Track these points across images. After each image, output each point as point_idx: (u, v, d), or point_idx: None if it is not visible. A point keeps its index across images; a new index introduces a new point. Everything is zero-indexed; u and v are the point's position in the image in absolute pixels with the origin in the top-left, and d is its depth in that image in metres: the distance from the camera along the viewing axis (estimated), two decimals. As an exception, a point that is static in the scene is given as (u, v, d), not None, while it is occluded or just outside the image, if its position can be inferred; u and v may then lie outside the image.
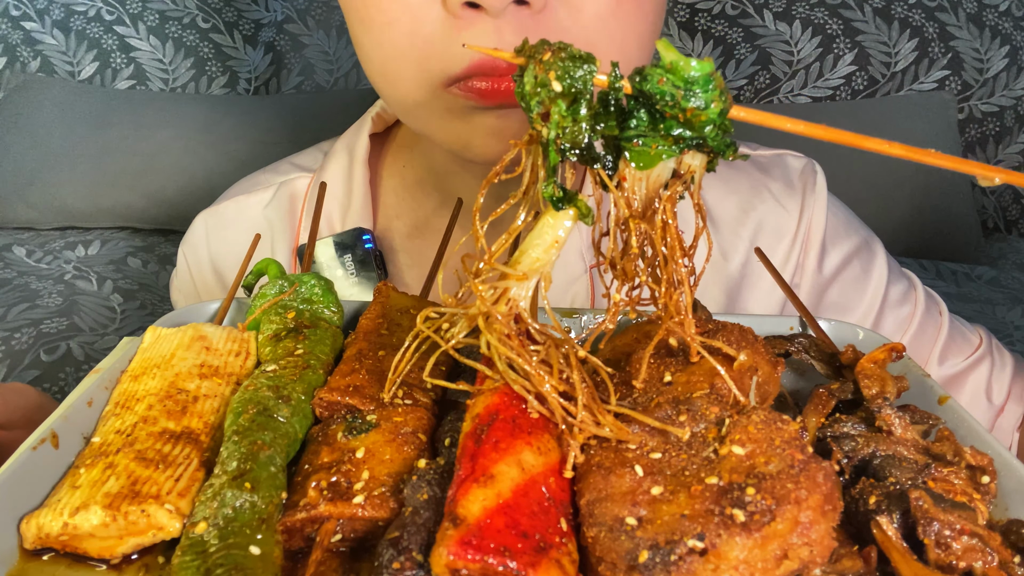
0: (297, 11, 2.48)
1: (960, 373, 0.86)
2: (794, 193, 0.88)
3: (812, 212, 0.87)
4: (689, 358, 0.50)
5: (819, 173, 0.89)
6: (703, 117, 0.43)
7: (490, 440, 0.42)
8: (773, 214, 0.87)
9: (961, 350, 0.87)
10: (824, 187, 0.88)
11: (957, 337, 0.88)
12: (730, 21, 2.33)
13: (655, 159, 0.45)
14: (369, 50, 0.70)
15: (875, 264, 0.88)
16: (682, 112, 0.42)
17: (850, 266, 0.88)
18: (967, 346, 0.88)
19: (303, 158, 0.98)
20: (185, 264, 0.96)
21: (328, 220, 0.88)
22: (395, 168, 0.93)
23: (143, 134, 2.21)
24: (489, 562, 0.36)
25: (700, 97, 0.42)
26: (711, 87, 0.42)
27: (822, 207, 0.87)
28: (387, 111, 0.93)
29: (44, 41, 2.38)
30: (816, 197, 0.87)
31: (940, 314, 0.89)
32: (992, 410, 0.85)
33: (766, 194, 0.87)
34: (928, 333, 0.87)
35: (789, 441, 0.41)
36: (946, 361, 0.87)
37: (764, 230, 0.87)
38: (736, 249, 0.86)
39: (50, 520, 0.43)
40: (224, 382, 0.54)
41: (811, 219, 0.87)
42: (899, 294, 0.88)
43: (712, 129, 0.43)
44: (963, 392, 0.85)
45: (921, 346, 0.87)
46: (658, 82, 0.42)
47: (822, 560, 0.38)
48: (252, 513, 0.42)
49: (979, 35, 2.29)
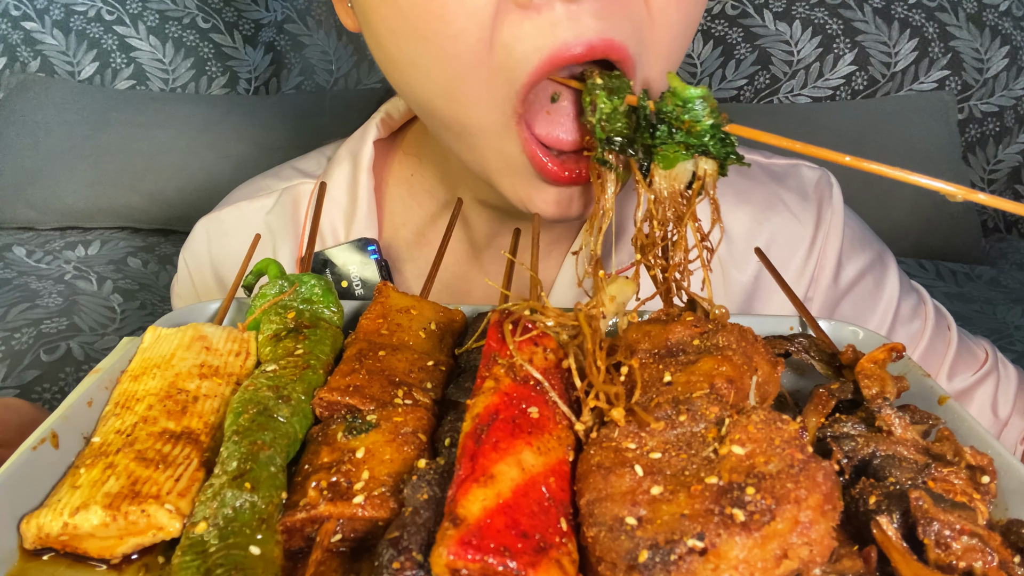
0: (297, 11, 2.48)
1: (969, 388, 0.87)
2: (809, 205, 0.87)
3: (829, 226, 0.86)
4: (688, 358, 0.50)
5: (835, 186, 0.89)
6: (698, 127, 0.57)
7: (490, 440, 0.42)
8: (787, 226, 0.86)
9: (969, 365, 0.88)
10: (840, 200, 0.88)
11: (964, 352, 0.89)
12: (730, 21, 2.33)
13: (674, 160, 0.59)
14: (426, 67, 0.62)
15: (887, 278, 0.88)
16: (682, 123, 0.57)
17: (863, 280, 0.88)
18: (974, 361, 0.89)
19: (306, 163, 0.96)
20: (186, 270, 0.95)
21: (332, 229, 0.87)
22: (402, 176, 0.91)
23: (143, 134, 2.21)
24: (489, 562, 0.36)
25: (694, 112, 0.57)
26: (703, 105, 0.56)
27: (839, 221, 0.86)
28: (392, 116, 0.91)
29: (44, 41, 2.38)
30: (833, 211, 0.87)
31: (949, 329, 0.90)
32: (998, 424, 0.86)
33: (780, 206, 0.87)
34: (938, 349, 0.88)
35: (789, 441, 0.41)
36: (955, 377, 0.87)
37: (777, 242, 0.86)
38: (748, 260, 0.85)
39: (50, 520, 0.43)
40: (224, 382, 0.54)
41: (828, 233, 0.86)
42: (910, 309, 0.89)
43: (711, 139, 0.57)
44: (971, 407, 0.86)
45: (931, 362, 0.88)
46: (668, 103, 0.57)
47: (822, 560, 0.38)
48: (252, 513, 0.42)
49: (979, 35, 2.29)
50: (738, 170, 0.90)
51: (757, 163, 0.91)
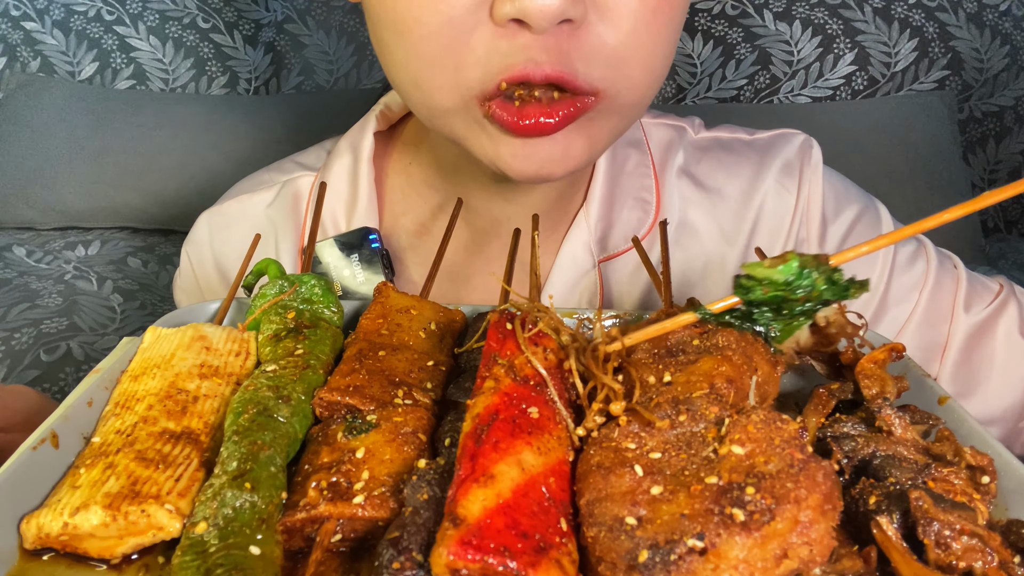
0: (297, 11, 2.48)
1: (989, 318, 0.85)
2: (793, 172, 0.88)
3: (809, 186, 0.86)
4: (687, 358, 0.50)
5: (815, 147, 0.89)
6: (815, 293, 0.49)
7: (490, 440, 0.42)
8: (774, 195, 0.87)
9: (983, 297, 0.86)
10: (820, 160, 0.88)
11: (977, 285, 0.87)
12: (730, 21, 2.33)
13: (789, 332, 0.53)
14: (402, 58, 0.67)
15: (881, 228, 0.88)
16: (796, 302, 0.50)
17: (854, 233, 0.87)
18: (988, 293, 0.86)
19: (306, 156, 0.97)
20: (189, 263, 0.96)
21: (333, 220, 0.88)
22: (400, 166, 0.92)
23: (143, 134, 2.21)
24: (489, 562, 0.36)
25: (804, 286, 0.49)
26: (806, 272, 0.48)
27: (818, 180, 0.87)
28: (391, 109, 0.92)
29: (44, 41, 2.38)
30: (812, 170, 0.87)
31: (955, 267, 0.88)
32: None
33: (767, 175, 0.87)
34: (946, 286, 0.86)
35: (789, 441, 0.41)
36: (971, 308, 0.85)
37: (765, 212, 0.86)
38: (740, 233, 0.86)
39: (50, 520, 0.43)
40: (224, 382, 0.54)
41: (809, 193, 0.86)
42: (908, 254, 0.87)
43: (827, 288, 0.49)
44: (996, 336, 0.84)
45: (941, 298, 0.86)
46: (763, 292, 0.50)
47: (822, 559, 0.38)
48: (252, 513, 0.42)
49: (979, 35, 2.29)
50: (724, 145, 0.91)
51: (741, 140, 0.91)
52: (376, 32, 0.70)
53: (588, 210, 0.84)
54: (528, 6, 0.58)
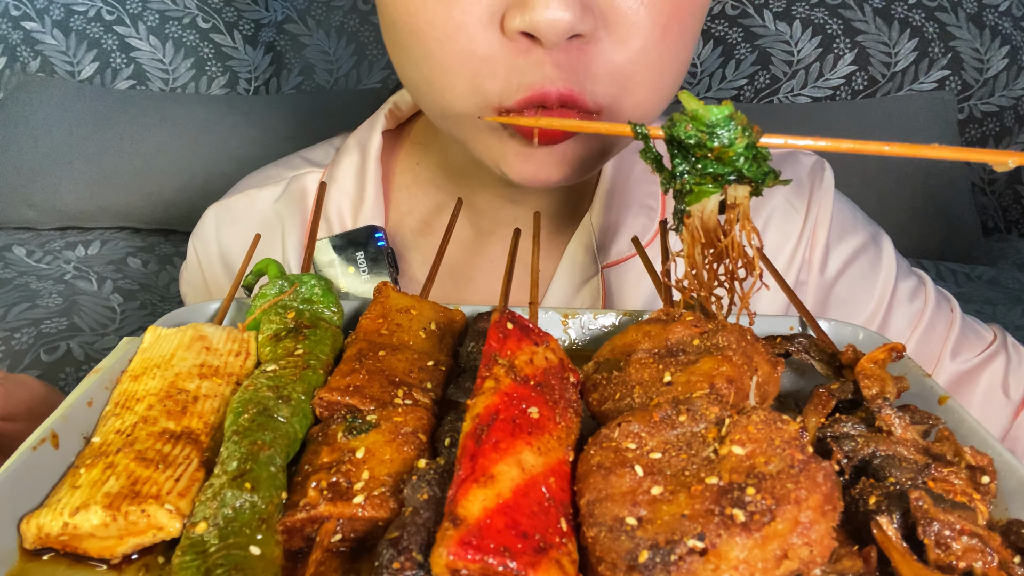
0: (297, 11, 2.48)
1: (974, 368, 0.85)
2: (802, 191, 0.88)
3: (819, 208, 0.86)
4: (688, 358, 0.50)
5: (827, 170, 0.89)
6: (730, 153, 0.49)
7: (490, 440, 0.42)
8: (781, 212, 0.87)
9: (974, 346, 0.86)
10: (831, 183, 0.88)
11: (969, 333, 0.87)
12: (730, 21, 2.33)
13: (700, 195, 0.52)
14: (417, 56, 0.67)
15: (883, 260, 0.88)
16: (710, 151, 0.49)
17: (857, 262, 0.87)
18: (980, 342, 0.87)
19: (314, 153, 0.97)
20: (195, 257, 0.97)
21: (340, 217, 0.88)
22: (407, 165, 0.92)
23: (143, 134, 2.21)
24: (489, 562, 0.36)
25: (724, 136, 0.48)
26: (732, 125, 0.48)
27: (828, 203, 0.87)
28: (400, 108, 0.92)
29: (44, 41, 2.38)
30: (823, 193, 0.87)
31: (952, 311, 0.88)
32: (1010, 406, 0.84)
33: (776, 192, 0.87)
34: (939, 329, 0.87)
35: (789, 441, 0.41)
36: (959, 356, 0.85)
37: (771, 227, 0.86)
38: None
39: (50, 520, 0.43)
40: (224, 382, 0.54)
41: (817, 215, 0.86)
42: (908, 291, 0.87)
43: (745, 161, 0.50)
44: (977, 387, 0.84)
45: (932, 341, 0.86)
46: (685, 128, 0.49)
47: (822, 560, 0.38)
48: (252, 513, 0.42)
49: (979, 35, 2.29)
50: None
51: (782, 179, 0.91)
52: (389, 30, 0.70)
53: (592, 215, 0.85)
54: (539, 21, 0.58)
